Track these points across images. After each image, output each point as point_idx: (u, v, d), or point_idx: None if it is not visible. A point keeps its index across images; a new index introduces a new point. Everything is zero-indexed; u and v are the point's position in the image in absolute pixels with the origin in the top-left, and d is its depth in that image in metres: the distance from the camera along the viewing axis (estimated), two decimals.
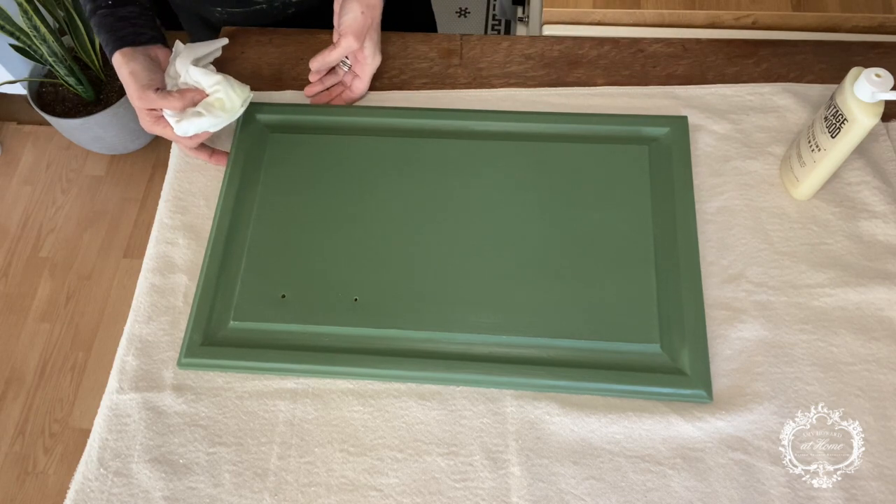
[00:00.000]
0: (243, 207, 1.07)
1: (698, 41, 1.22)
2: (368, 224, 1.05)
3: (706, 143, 1.10)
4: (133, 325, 0.99)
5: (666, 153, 1.07)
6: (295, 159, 1.11)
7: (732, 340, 0.95)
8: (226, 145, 1.13)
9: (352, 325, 0.97)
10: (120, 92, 2.19)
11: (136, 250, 2.29)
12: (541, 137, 1.10)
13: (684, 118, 1.10)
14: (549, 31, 1.29)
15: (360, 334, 0.97)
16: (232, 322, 0.98)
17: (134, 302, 1.01)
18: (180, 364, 0.95)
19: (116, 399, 0.93)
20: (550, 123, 1.11)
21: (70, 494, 0.89)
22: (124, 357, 0.97)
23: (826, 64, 1.18)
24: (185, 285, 1.01)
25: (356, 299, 0.99)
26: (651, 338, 0.95)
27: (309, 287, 1.01)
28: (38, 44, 1.94)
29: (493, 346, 0.95)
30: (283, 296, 0.99)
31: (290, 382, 0.94)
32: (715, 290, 0.99)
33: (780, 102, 1.13)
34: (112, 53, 1.04)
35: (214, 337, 0.97)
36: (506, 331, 0.96)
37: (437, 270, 1.01)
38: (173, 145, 1.14)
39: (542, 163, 1.08)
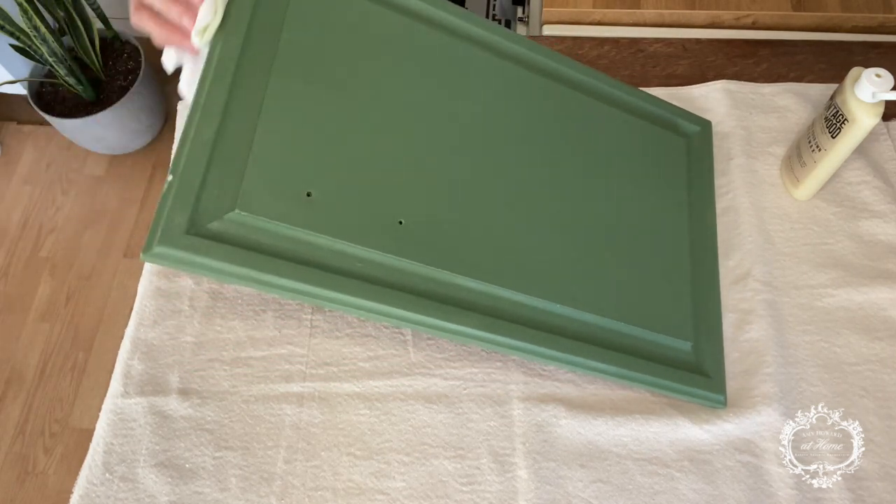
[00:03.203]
0: (256, 53, 0.82)
1: (698, 41, 1.22)
2: (424, 137, 0.89)
3: None
4: (138, 328, 0.98)
5: (698, 152, 1.08)
6: (341, 20, 0.89)
7: (740, 342, 0.96)
8: None
9: (395, 252, 0.81)
10: (120, 92, 2.19)
11: (136, 250, 2.29)
12: (598, 95, 1.03)
13: (709, 122, 1.11)
14: (548, 31, 1.29)
15: (403, 268, 0.82)
16: (235, 212, 0.76)
17: (137, 305, 1.00)
18: (150, 254, 0.74)
19: (121, 403, 0.93)
20: (607, 85, 1.04)
21: (74, 499, 0.89)
22: (129, 361, 0.96)
23: (826, 64, 1.19)
24: (191, 289, 1.00)
25: (401, 222, 0.83)
26: (684, 334, 0.95)
27: (345, 190, 0.81)
28: (38, 44, 1.94)
29: (532, 311, 0.88)
30: (310, 193, 0.79)
31: (296, 386, 0.94)
32: (723, 290, 1.00)
33: (780, 102, 1.14)
34: None
35: (204, 226, 0.75)
36: (552, 296, 0.88)
37: (488, 213, 0.89)
38: (173, 151, 1.13)
39: (598, 125, 1.01)
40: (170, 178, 0.76)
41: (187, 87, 0.86)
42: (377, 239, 0.81)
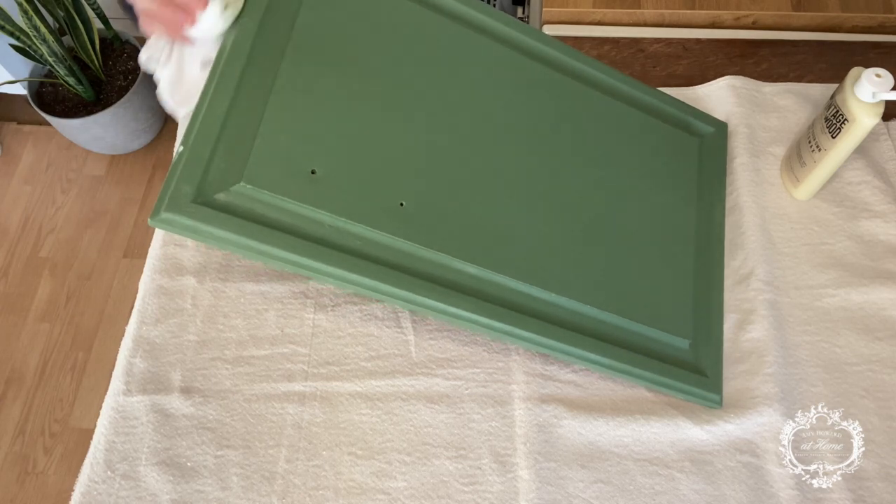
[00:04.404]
0: (272, 35, 0.85)
1: (698, 41, 1.22)
2: (429, 123, 0.90)
3: None
4: (140, 326, 0.98)
5: (710, 153, 1.08)
6: (355, 8, 0.91)
7: (742, 342, 0.96)
8: None
9: (394, 233, 0.83)
10: (120, 92, 2.19)
11: (136, 250, 2.29)
12: (609, 91, 1.04)
13: (724, 124, 1.11)
14: (549, 31, 1.29)
15: (402, 248, 0.84)
16: (241, 185, 0.79)
17: (139, 303, 1.00)
18: (157, 220, 0.77)
19: (123, 401, 0.93)
20: (619, 82, 1.05)
21: (75, 497, 0.89)
22: (131, 359, 0.96)
23: (826, 64, 1.19)
24: (193, 287, 1.00)
25: (402, 204, 0.85)
26: (684, 332, 0.95)
27: (348, 170, 0.84)
28: (38, 44, 1.94)
29: (528, 298, 0.89)
30: (314, 171, 0.82)
31: (298, 385, 0.94)
32: (727, 290, 1.00)
33: (780, 102, 1.14)
34: None
35: (211, 197, 0.78)
36: (548, 285, 0.90)
37: (491, 200, 0.90)
38: (176, 145, 1.13)
39: (607, 120, 1.02)
40: (180, 148, 0.78)
41: (168, 93, 0.86)
42: (377, 219, 0.83)
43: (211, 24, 0.82)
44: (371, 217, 0.83)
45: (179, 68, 0.84)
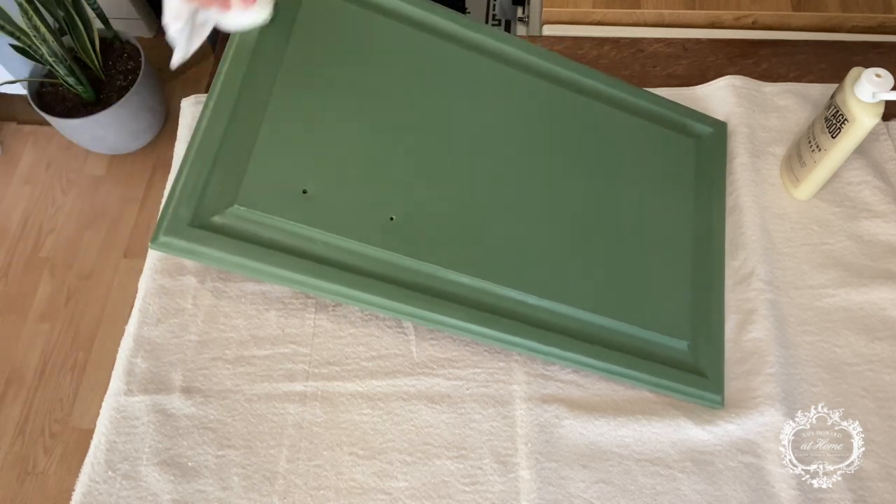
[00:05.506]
0: (264, 62, 0.89)
1: (698, 41, 1.22)
2: (417, 138, 0.93)
3: None
4: (140, 326, 0.98)
5: (709, 153, 1.08)
6: (341, 31, 0.94)
7: (743, 342, 0.96)
8: None
9: (385, 247, 0.86)
10: (120, 92, 2.19)
11: (136, 250, 2.29)
12: (598, 97, 1.05)
13: (724, 124, 1.11)
14: (548, 31, 1.29)
15: (393, 261, 0.87)
16: (235, 207, 0.83)
17: (139, 303, 1.00)
18: (156, 243, 0.81)
19: (124, 401, 0.93)
20: (609, 87, 1.06)
21: (76, 496, 0.89)
22: (132, 359, 0.96)
23: (826, 64, 1.19)
24: (194, 287, 1.00)
25: (392, 218, 0.88)
26: (682, 334, 0.95)
27: (338, 188, 0.87)
28: (38, 44, 1.93)
29: (522, 306, 0.90)
30: (305, 191, 0.85)
31: (299, 385, 0.94)
32: (727, 290, 1.00)
33: (780, 102, 1.14)
34: None
35: (207, 220, 0.82)
36: (542, 292, 0.91)
37: (482, 210, 0.92)
38: (176, 145, 1.12)
39: (597, 125, 1.03)
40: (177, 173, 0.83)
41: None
42: (368, 234, 0.86)
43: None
44: (361, 232, 0.86)
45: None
